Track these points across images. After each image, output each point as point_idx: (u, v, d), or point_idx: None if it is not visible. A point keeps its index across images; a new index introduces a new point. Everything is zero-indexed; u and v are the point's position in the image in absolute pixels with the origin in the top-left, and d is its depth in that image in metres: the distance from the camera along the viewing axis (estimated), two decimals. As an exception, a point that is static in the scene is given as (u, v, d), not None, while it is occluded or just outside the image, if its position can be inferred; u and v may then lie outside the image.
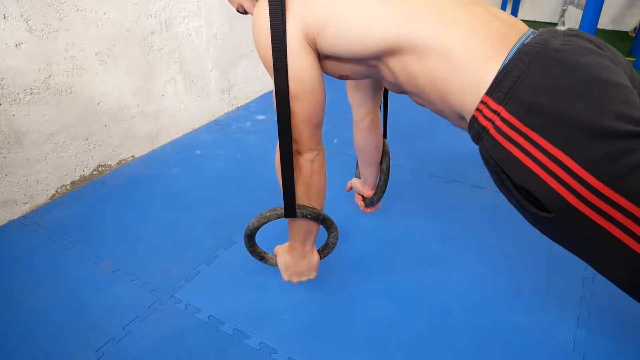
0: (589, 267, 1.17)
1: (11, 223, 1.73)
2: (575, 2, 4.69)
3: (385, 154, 1.35)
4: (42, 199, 1.84)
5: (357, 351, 1.18)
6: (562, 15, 4.79)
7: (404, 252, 1.54)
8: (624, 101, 0.68)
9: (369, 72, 0.93)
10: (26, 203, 1.79)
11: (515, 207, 0.78)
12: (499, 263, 1.47)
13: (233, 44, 2.61)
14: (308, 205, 1.01)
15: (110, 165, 2.09)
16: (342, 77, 0.98)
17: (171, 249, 1.57)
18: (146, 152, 2.25)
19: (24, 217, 1.77)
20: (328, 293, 1.37)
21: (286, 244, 1.12)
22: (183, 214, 1.77)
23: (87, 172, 2.00)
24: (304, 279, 1.15)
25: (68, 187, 1.93)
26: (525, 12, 4.97)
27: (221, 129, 2.53)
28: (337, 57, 0.89)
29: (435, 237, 1.61)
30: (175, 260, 1.52)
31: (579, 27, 1.94)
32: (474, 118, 0.77)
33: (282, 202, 0.97)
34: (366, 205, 1.48)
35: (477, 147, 0.82)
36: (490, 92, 0.74)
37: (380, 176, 1.38)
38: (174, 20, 2.20)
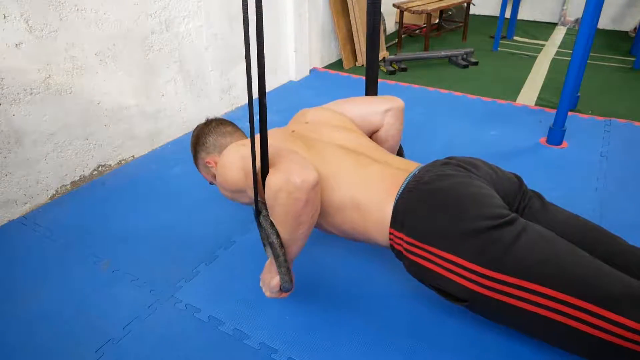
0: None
1: (11, 223, 1.73)
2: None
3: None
4: (42, 199, 1.84)
5: (357, 351, 1.18)
6: (562, 16, 4.79)
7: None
8: (479, 206, 0.94)
9: None
10: (26, 203, 1.79)
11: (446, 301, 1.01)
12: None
13: (233, 44, 2.61)
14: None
15: (110, 165, 2.09)
16: None
17: (171, 249, 1.57)
18: (146, 152, 2.25)
19: (24, 217, 1.77)
20: (328, 293, 1.37)
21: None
22: (183, 214, 1.77)
23: (87, 172, 2.00)
24: (267, 294, 1.19)
25: (68, 187, 1.93)
26: (525, 12, 4.94)
27: (221, 129, 2.52)
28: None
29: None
30: (175, 260, 1.52)
31: (579, 27, 1.94)
32: (390, 245, 1.08)
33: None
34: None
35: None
36: (392, 225, 1.03)
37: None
38: (174, 20, 2.20)
